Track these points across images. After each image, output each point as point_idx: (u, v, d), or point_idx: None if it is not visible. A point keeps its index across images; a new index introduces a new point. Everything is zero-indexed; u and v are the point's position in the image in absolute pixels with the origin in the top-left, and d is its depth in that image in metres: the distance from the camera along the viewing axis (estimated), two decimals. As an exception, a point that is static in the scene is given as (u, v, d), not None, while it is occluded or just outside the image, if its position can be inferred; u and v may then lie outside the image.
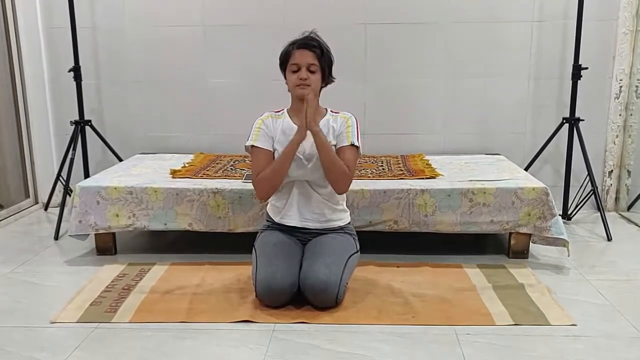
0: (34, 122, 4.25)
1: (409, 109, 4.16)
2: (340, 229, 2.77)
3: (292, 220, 2.74)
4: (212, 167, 3.64)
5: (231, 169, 3.60)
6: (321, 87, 2.74)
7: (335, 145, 2.68)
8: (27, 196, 4.29)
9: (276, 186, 2.66)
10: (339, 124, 2.71)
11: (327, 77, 2.72)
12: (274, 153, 2.70)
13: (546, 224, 3.10)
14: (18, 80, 4.16)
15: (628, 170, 4.11)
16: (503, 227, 3.13)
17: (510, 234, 3.18)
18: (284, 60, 2.69)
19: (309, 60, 2.63)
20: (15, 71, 4.15)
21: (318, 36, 2.71)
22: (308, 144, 2.64)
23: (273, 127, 2.71)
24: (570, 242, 3.15)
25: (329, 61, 2.71)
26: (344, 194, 2.80)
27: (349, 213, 2.85)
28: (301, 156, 2.65)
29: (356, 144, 2.67)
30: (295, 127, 2.66)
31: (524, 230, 3.14)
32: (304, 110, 2.53)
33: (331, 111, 2.76)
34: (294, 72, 2.64)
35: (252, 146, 2.70)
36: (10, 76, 4.14)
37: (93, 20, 4.13)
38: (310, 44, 2.65)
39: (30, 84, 4.20)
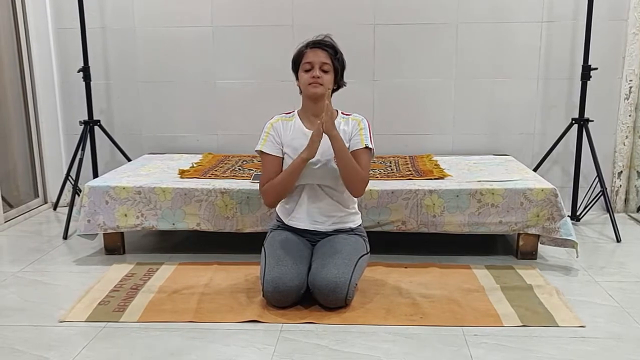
0: (44, 122, 4.27)
1: (417, 110, 4.15)
2: (351, 230, 2.76)
3: (302, 223, 2.74)
4: (220, 167, 3.65)
5: (239, 169, 3.60)
6: (332, 91, 2.73)
7: (348, 148, 2.68)
8: (37, 196, 4.31)
9: (282, 197, 2.69)
10: (350, 126, 2.70)
11: (339, 80, 2.71)
12: (283, 158, 2.69)
13: (555, 225, 3.09)
14: (28, 80, 4.19)
15: (637, 171, 4.08)
16: (511, 228, 3.12)
17: (519, 235, 3.17)
18: (297, 60, 2.67)
19: (322, 59, 2.61)
20: (25, 71, 4.17)
21: (332, 39, 2.71)
22: (319, 150, 2.64)
23: (283, 131, 2.70)
24: (579, 243, 3.14)
25: (342, 63, 2.70)
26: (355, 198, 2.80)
27: (360, 215, 2.84)
28: (310, 164, 2.65)
29: (370, 146, 2.67)
30: (306, 130, 2.66)
31: (532, 231, 3.12)
32: (321, 116, 2.53)
33: (342, 113, 2.76)
34: (307, 71, 2.63)
35: (261, 151, 2.71)
36: (20, 76, 4.16)
37: (102, 20, 4.14)
38: (324, 43, 2.65)
39: (40, 84, 4.22)
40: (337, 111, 2.76)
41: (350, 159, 2.58)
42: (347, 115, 2.75)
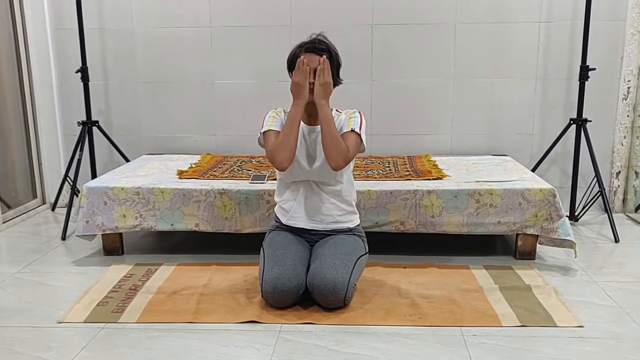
0: (42, 123, 4.27)
1: (415, 110, 4.15)
2: (349, 231, 2.77)
3: (300, 222, 2.74)
4: (219, 167, 3.65)
5: (238, 169, 3.60)
6: None
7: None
8: (35, 196, 4.31)
9: (290, 148, 2.57)
10: (343, 116, 2.70)
11: (335, 80, 2.71)
12: None
13: (553, 225, 3.09)
14: (26, 81, 4.19)
15: (636, 172, 4.09)
16: (510, 228, 3.13)
17: (517, 235, 3.17)
18: (292, 63, 2.66)
19: (317, 64, 2.59)
20: (24, 72, 4.17)
21: (326, 38, 2.69)
22: (312, 143, 2.67)
23: (284, 121, 2.69)
24: (578, 243, 3.15)
25: (337, 64, 2.69)
26: (355, 195, 2.81)
27: (358, 216, 2.84)
28: (304, 160, 2.66)
29: (356, 130, 2.62)
30: (302, 124, 2.68)
31: (531, 231, 3.13)
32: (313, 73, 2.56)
33: (336, 110, 2.76)
34: None
35: (268, 130, 2.65)
36: (19, 77, 4.16)
37: (101, 21, 4.14)
38: (319, 47, 2.62)
39: (38, 84, 4.22)
40: (331, 109, 2.76)
41: (334, 129, 2.57)
42: (339, 112, 2.75)
